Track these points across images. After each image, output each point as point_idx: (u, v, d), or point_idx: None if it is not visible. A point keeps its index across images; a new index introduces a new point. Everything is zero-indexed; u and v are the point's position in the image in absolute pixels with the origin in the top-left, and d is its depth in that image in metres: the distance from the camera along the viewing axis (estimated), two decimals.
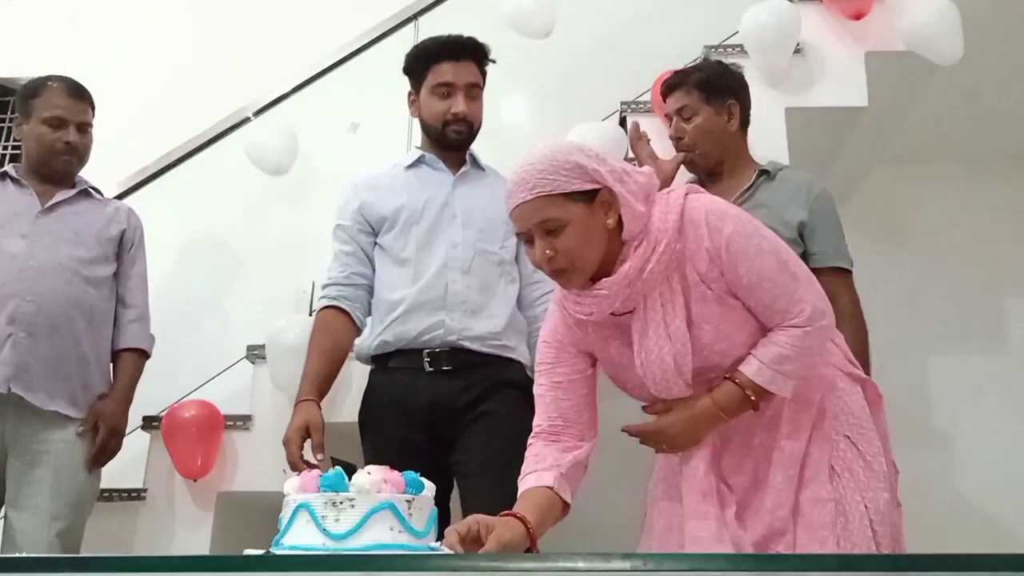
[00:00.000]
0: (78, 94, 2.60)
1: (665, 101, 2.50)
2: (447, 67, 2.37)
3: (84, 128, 2.60)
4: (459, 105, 2.36)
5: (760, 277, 1.61)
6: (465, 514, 2.07)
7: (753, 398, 1.63)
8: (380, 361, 2.33)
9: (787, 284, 1.62)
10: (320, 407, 2.22)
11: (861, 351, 2.22)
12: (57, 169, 2.57)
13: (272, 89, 3.38)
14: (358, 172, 2.52)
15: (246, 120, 3.34)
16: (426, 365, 2.24)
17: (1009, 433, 3.80)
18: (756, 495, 1.66)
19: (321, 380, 2.25)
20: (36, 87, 2.60)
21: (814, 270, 2.21)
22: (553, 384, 1.74)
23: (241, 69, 3.89)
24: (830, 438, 1.66)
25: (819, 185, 2.37)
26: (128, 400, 2.56)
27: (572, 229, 1.58)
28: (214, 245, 3.69)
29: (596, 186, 1.59)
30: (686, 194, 1.67)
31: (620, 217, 1.61)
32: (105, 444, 2.46)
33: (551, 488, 1.61)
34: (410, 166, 2.44)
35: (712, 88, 2.41)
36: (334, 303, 2.33)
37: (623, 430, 1.76)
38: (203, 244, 3.64)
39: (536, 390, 1.77)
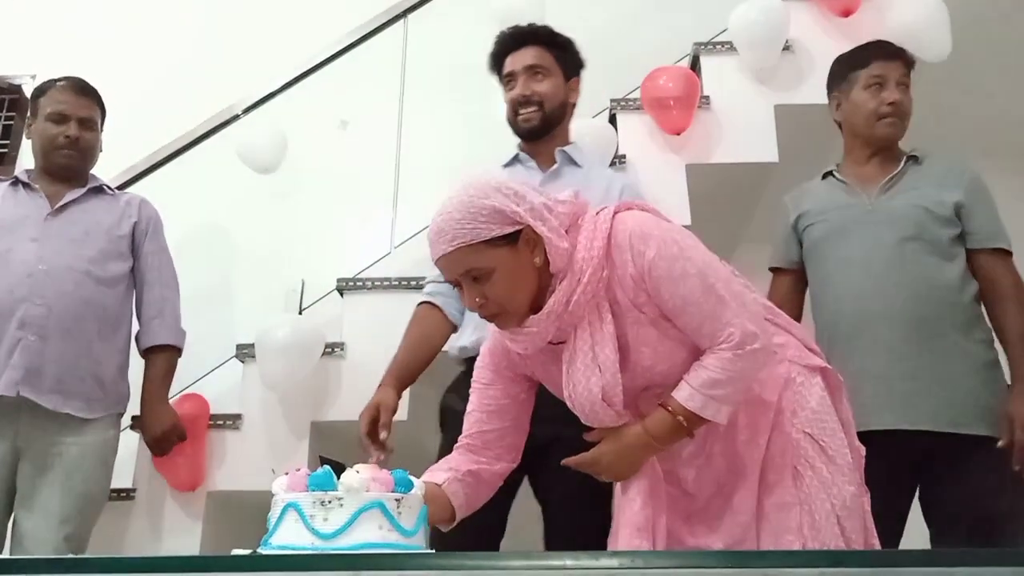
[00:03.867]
0: (82, 91, 2.60)
1: (874, 64, 2.41)
2: (509, 60, 2.39)
3: (87, 124, 2.58)
4: (517, 88, 2.36)
5: (684, 301, 1.56)
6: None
7: (685, 424, 1.58)
8: (468, 364, 2.29)
9: (713, 308, 1.56)
10: (398, 393, 2.25)
11: None
12: (59, 164, 2.56)
13: (261, 87, 3.37)
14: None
15: (235, 118, 3.33)
16: None
17: None
18: (720, 503, 1.65)
19: (403, 369, 2.29)
20: (44, 86, 2.61)
21: (970, 251, 2.24)
22: (483, 405, 1.74)
23: (230, 67, 3.88)
24: (791, 437, 1.62)
25: (971, 167, 2.36)
26: (158, 400, 2.58)
27: (499, 275, 1.55)
28: (203, 244, 3.68)
29: (517, 227, 1.55)
30: (615, 213, 1.62)
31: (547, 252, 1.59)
32: (161, 449, 2.60)
33: (439, 486, 1.64)
34: (506, 165, 2.44)
35: (911, 63, 2.42)
36: (427, 299, 2.38)
37: (562, 464, 1.71)
38: (192, 243, 3.62)
39: (468, 406, 1.76)
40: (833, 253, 2.37)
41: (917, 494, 2.23)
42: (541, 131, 2.37)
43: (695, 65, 3.37)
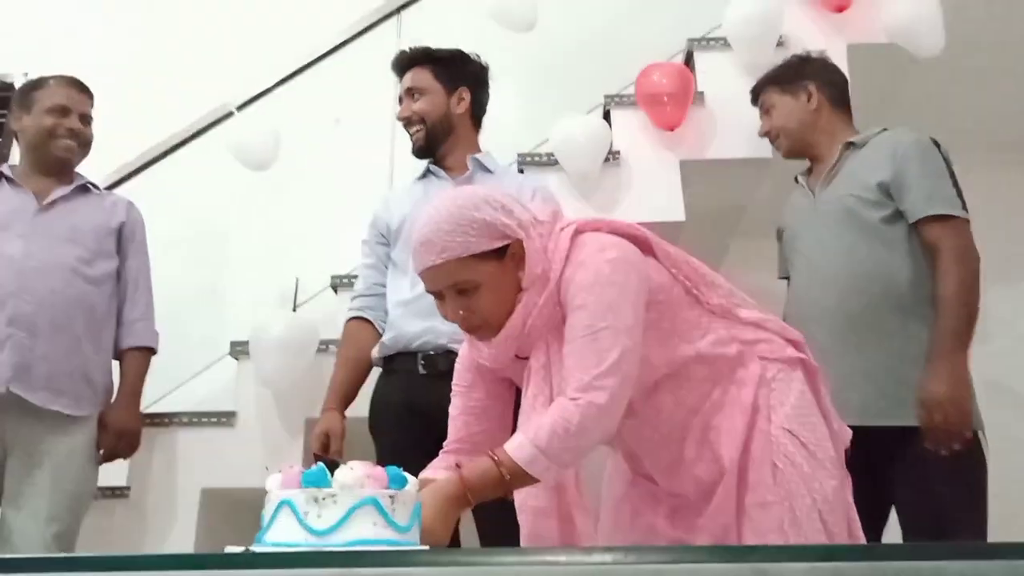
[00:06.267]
0: (81, 88, 2.62)
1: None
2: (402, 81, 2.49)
3: (86, 119, 2.60)
4: (401, 112, 2.46)
5: (568, 331, 1.52)
6: (475, 512, 2.06)
7: (508, 478, 1.45)
8: (386, 363, 2.38)
9: (582, 350, 1.48)
10: (343, 415, 2.33)
11: (963, 303, 2.10)
12: (58, 156, 2.55)
13: (255, 84, 3.37)
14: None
15: (229, 115, 3.33)
16: (420, 368, 2.27)
17: (990, 425, 3.81)
18: (701, 503, 1.63)
19: (345, 389, 2.38)
20: (38, 82, 2.62)
21: (914, 227, 2.17)
22: (468, 408, 1.70)
23: (223, 64, 3.88)
24: (770, 435, 1.59)
25: (910, 138, 2.26)
26: (136, 399, 2.59)
27: (485, 289, 1.53)
28: (197, 241, 3.68)
29: (506, 241, 1.54)
30: (575, 234, 1.58)
31: None
32: (113, 446, 2.52)
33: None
34: (419, 178, 2.50)
35: (783, 78, 2.48)
36: (358, 314, 2.44)
37: None
38: (186, 240, 3.62)
39: (451, 411, 1.72)
40: (794, 257, 2.40)
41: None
42: (429, 147, 2.45)
43: (689, 61, 3.37)
